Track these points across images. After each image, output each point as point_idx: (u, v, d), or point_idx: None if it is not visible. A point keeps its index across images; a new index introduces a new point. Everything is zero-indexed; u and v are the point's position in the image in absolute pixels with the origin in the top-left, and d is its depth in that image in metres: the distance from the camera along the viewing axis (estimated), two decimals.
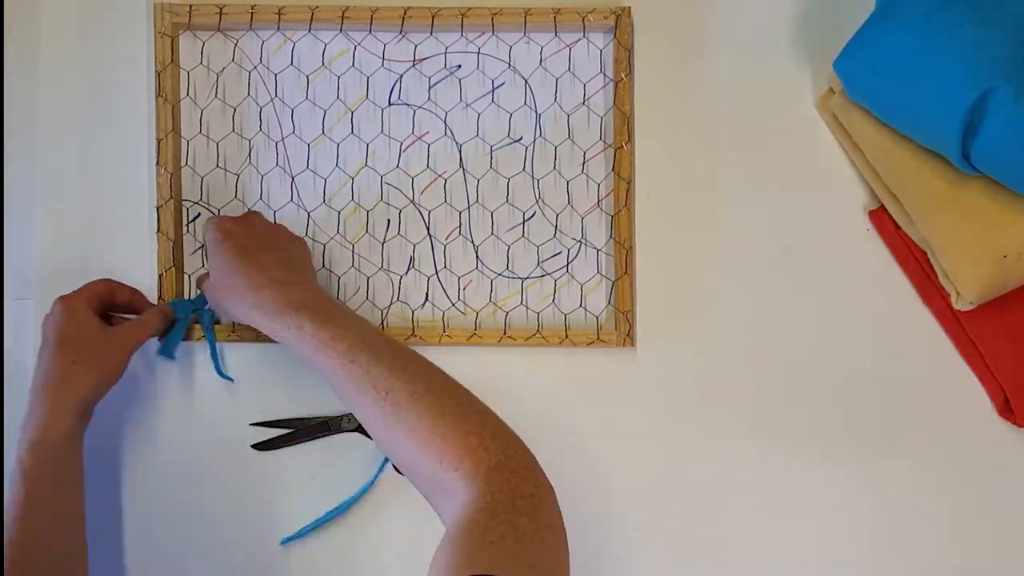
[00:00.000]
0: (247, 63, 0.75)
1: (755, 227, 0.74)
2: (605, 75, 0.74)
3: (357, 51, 0.74)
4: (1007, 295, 0.69)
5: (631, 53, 0.73)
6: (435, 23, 0.72)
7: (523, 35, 0.74)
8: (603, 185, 0.74)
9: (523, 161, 0.74)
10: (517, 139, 0.74)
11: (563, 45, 0.74)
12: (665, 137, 0.74)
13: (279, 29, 0.74)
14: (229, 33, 0.74)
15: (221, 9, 0.72)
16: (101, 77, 0.75)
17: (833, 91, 0.71)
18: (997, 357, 0.71)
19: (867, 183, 0.73)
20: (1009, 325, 0.70)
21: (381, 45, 0.74)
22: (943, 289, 0.70)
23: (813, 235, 0.73)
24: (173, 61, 0.73)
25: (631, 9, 0.72)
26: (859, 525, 0.72)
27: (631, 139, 0.73)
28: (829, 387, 0.73)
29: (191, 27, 0.74)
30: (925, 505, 0.72)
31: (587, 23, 0.72)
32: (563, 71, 0.74)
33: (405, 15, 0.72)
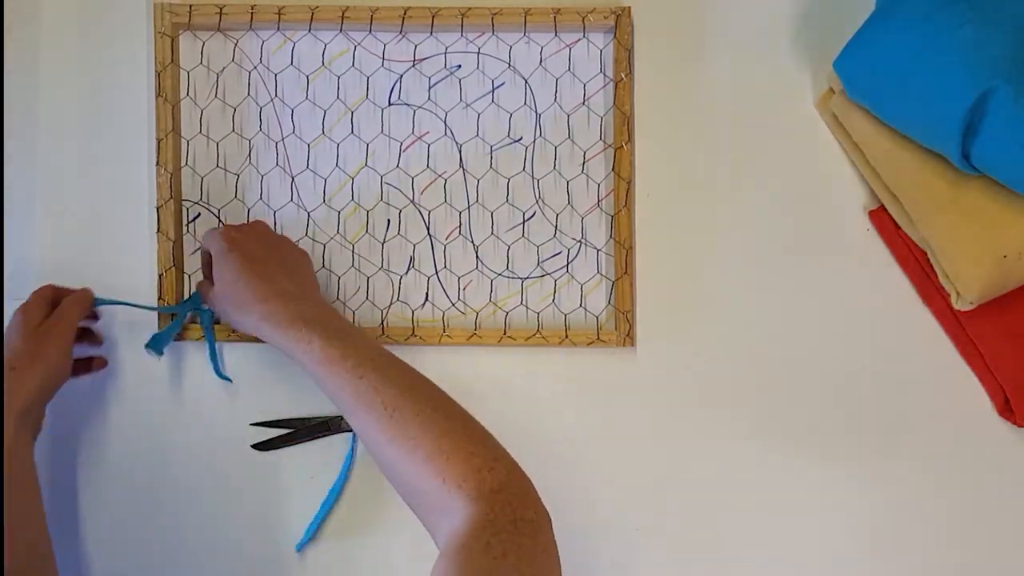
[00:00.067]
0: (247, 63, 0.75)
1: (755, 227, 0.74)
2: (605, 75, 0.74)
3: (357, 51, 0.74)
4: (1007, 295, 0.69)
5: (631, 53, 0.73)
6: (435, 23, 0.72)
7: (523, 35, 0.74)
8: (603, 185, 0.74)
9: (523, 161, 0.74)
10: (517, 139, 0.74)
11: (563, 45, 0.74)
12: (665, 137, 0.74)
13: (279, 29, 0.74)
14: (229, 33, 0.74)
15: (221, 9, 0.72)
16: (101, 77, 0.75)
17: (833, 91, 0.71)
18: (997, 357, 0.71)
19: (867, 183, 0.73)
20: (1009, 325, 0.70)
21: (381, 45, 0.74)
22: (943, 289, 0.70)
23: (813, 235, 0.73)
24: (173, 61, 0.73)
25: (631, 9, 0.72)
26: (859, 525, 0.72)
27: (631, 139, 0.73)
28: (829, 387, 0.73)
29: (191, 27, 0.74)
30: (925, 505, 0.72)
31: (587, 23, 0.72)
32: (563, 71, 0.74)
33: (405, 15, 0.72)
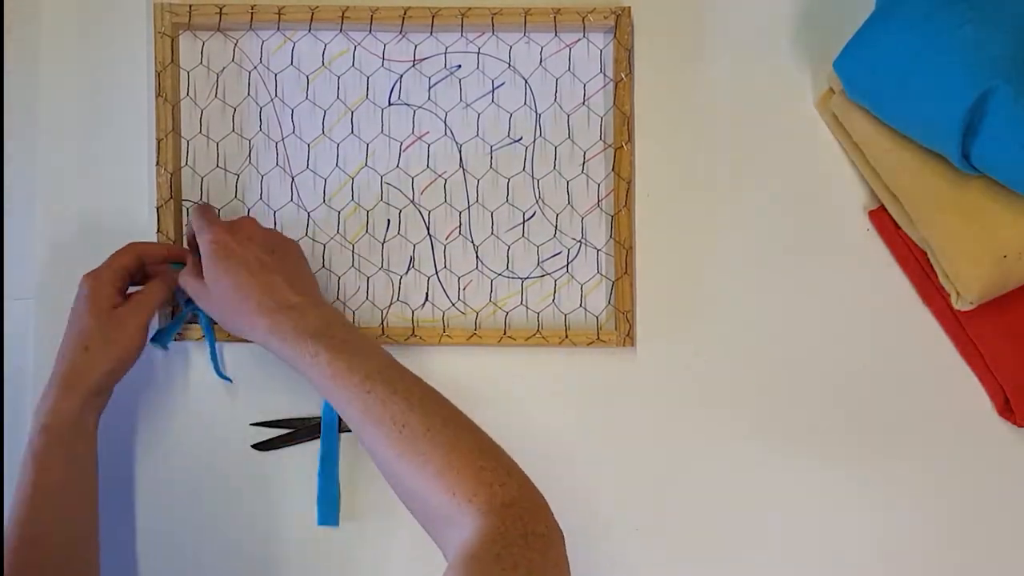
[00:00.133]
0: (247, 63, 0.75)
1: (755, 227, 0.74)
2: (605, 75, 0.74)
3: (357, 51, 0.74)
4: (1007, 295, 0.69)
5: (631, 53, 0.73)
6: (435, 23, 0.72)
7: (523, 35, 0.74)
8: (603, 185, 0.74)
9: (523, 161, 0.74)
10: (517, 139, 0.74)
11: (563, 45, 0.74)
12: (665, 137, 0.74)
13: (279, 29, 0.74)
14: (229, 33, 0.74)
15: (221, 9, 0.72)
16: (101, 77, 0.75)
17: (833, 91, 0.71)
18: (997, 357, 0.71)
19: (867, 183, 0.73)
20: (1009, 325, 0.70)
21: (381, 45, 0.74)
22: (943, 289, 0.70)
23: (813, 235, 0.73)
24: (173, 61, 0.73)
25: (631, 9, 0.72)
26: (859, 525, 0.72)
27: (631, 139, 0.73)
28: (829, 387, 0.73)
29: (191, 27, 0.74)
30: (925, 505, 0.72)
31: (587, 23, 0.72)
32: (563, 71, 0.74)
33: (405, 15, 0.72)
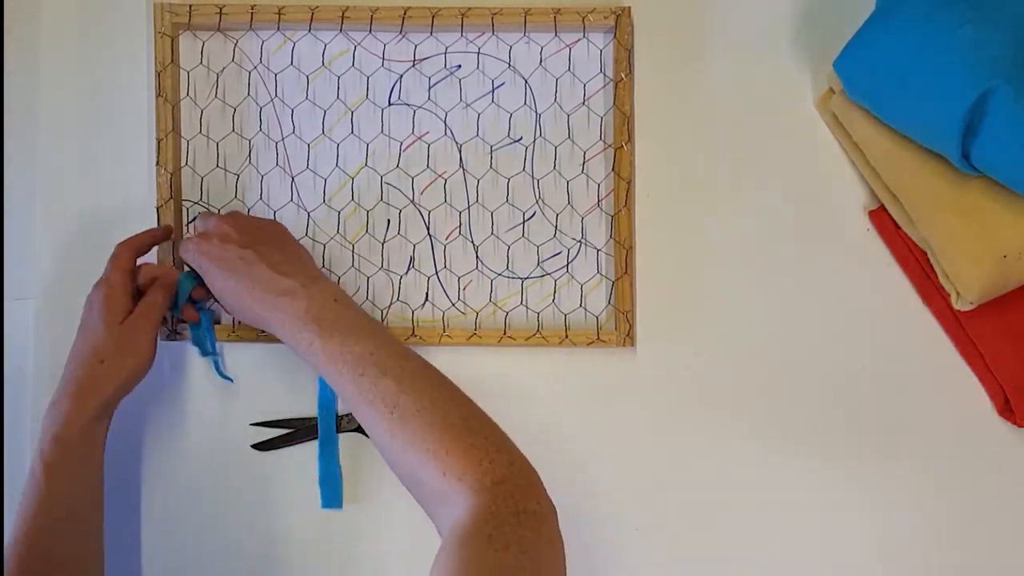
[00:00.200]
0: (247, 63, 0.75)
1: (755, 227, 0.74)
2: (605, 75, 0.74)
3: (357, 51, 0.74)
4: (1007, 295, 0.69)
5: (631, 53, 0.73)
6: (435, 23, 0.72)
7: (523, 35, 0.74)
8: (603, 185, 0.74)
9: (523, 161, 0.74)
10: (517, 139, 0.74)
11: (563, 45, 0.74)
12: (665, 137, 0.74)
13: (279, 29, 0.74)
14: (229, 33, 0.74)
15: (221, 9, 0.72)
16: (101, 77, 0.75)
17: (833, 91, 0.71)
18: (997, 357, 0.71)
19: (867, 183, 0.73)
20: (1009, 325, 0.70)
21: (381, 45, 0.74)
22: (943, 289, 0.70)
23: (813, 235, 0.73)
24: (173, 61, 0.73)
25: (631, 9, 0.72)
26: (859, 525, 0.72)
27: (631, 139, 0.73)
28: (829, 387, 0.73)
29: (191, 27, 0.74)
30: (925, 505, 0.72)
31: (587, 23, 0.72)
32: (563, 71, 0.74)
33: (405, 15, 0.72)
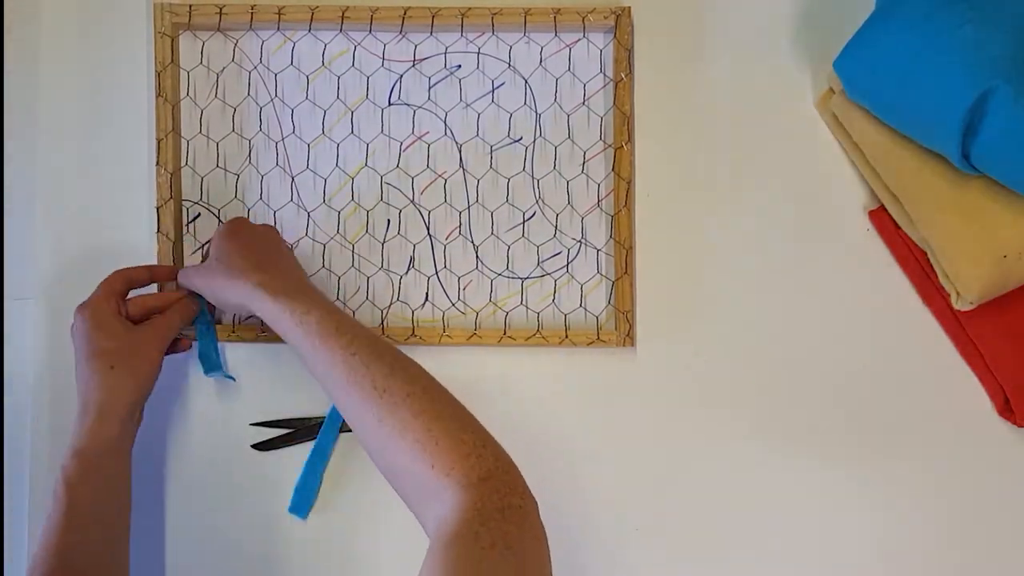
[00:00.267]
0: (247, 63, 0.75)
1: (755, 227, 0.74)
2: (605, 75, 0.74)
3: (357, 51, 0.74)
4: (1007, 295, 0.69)
5: (631, 53, 0.73)
6: (435, 23, 0.72)
7: (523, 35, 0.74)
8: (603, 185, 0.74)
9: (523, 161, 0.74)
10: (517, 139, 0.74)
11: (563, 45, 0.74)
12: (665, 137, 0.74)
13: (279, 29, 0.74)
14: (229, 33, 0.74)
15: (221, 9, 0.72)
16: (101, 77, 0.75)
17: (833, 91, 0.71)
18: (997, 357, 0.71)
19: (867, 183, 0.73)
20: (1009, 325, 0.70)
21: (381, 45, 0.74)
22: (943, 289, 0.70)
23: (813, 235, 0.73)
24: (173, 61, 0.73)
25: (631, 9, 0.72)
26: (859, 525, 0.72)
27: (631, 139, 0.73)
28: (829, 387, 0.73)
29: (191, 27, 0.74)
30: (925, 505, 0.72)
31: (587, 23, 0.72)
32: (563, 71, 0.74)
33: (405, 15, 0.72)
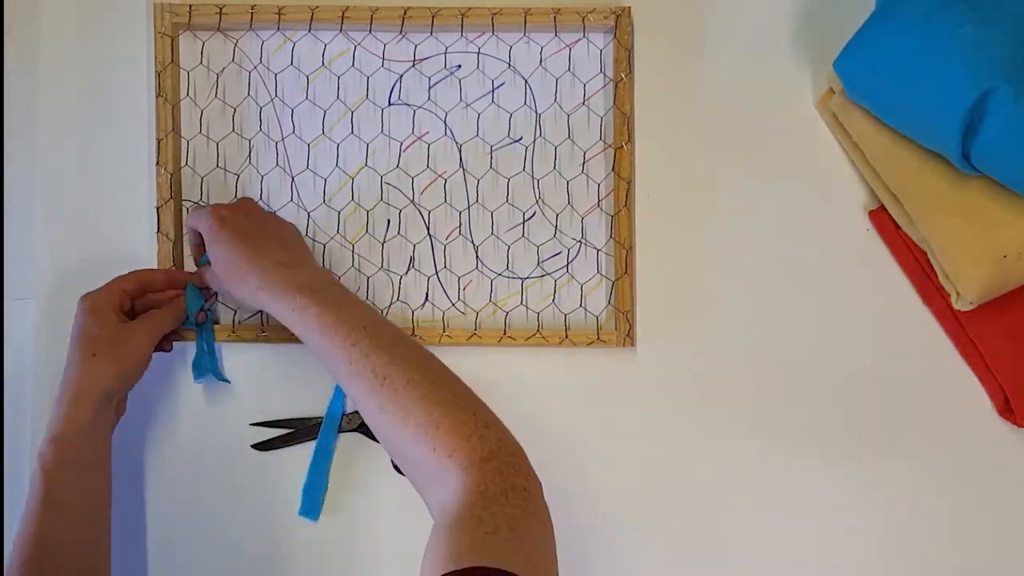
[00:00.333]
0: (247, 63, 0.74)
1: (755, 227, 0.74)
2: (605, 75, 0.74)
3: (357, 51, 0.74)
4: (1007, 295, 0.69)
5: (631, 53, 0.73)
6: (435, 23, 0.72)
7: (523, 35, 0.74)
8: (603, 185, 0.74)
9: (523, 161, 0.74)
10: (517, 139, 0.74)
11: (563, 45, 0.74)
12: (665, 137, 0.74)
13: (279, 29, 0.74)
14: (229, 33, 0.74)
15: (221, 9, 0.72)
16: (101, 77, 0.75)
17: (833, 91, 0.71)
18: (997, 357, 0.71)
19: (867, 183, 0.73)
20: (1009, 325, 0.70)
21: (381, 45, 0.74)
22: (943, 289, 0.70)
23: (813, 235, 0.73)
24: (173, 61, 0.73)
25: (631, 9, 0.72)
26: (859, 525, 0.72)
27: (631, 139, 0.73)
28: (829, 387, 0.73)
29: (191, 27, 0.74)
30: (925, 505, 0.72)
31: (587, 23, 0.72)
32: (563, 71, 0.74)
33: (405, 15, 0.72)
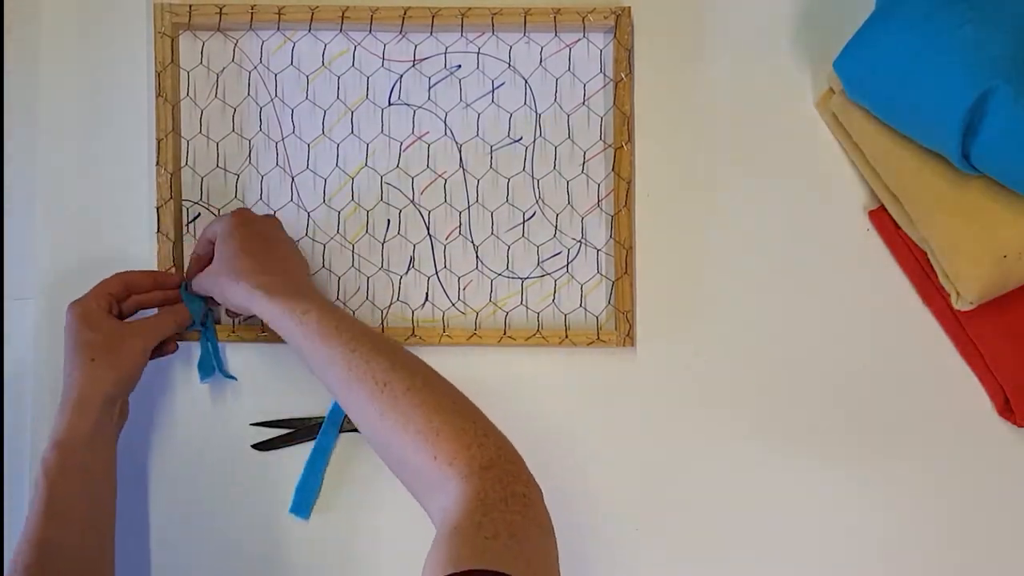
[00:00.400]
0: (247, 63, 0.74)
1: (755, 227, 0.74)
2: (605, 75, 0.74)
3: (357, 51, 0.74)
4: (1007, 295, 0.69)
5: (631, 53, 0.73)
6: (435, 23, 0.72)
7: (523, 35, 0.74)
8: (603, 185, 0.74)
9: (523, 161, 0.74)
10: (517, 139, 0.74)
11: (563, 45, 0.74)
12: (665, 137, 0.74)
13: (279, 29, 0.74)
14: (229, 33, 0.74)
15: (221, 9, 0.72)
16: (101, 77, 0.75)
17: (833, 91, 0.71)
18: (997, 357, 0.71)
19: (867, 183, 0.73)
20: (1009, 325, 0.70)
21: (381, 45, 0.74)
22: (943, 289, 0.70)
23: (813, 235, 0.73)
24: (173, 61, 0.73)
25: (631, 9, 0.72)
26: (859, 525, 0.72)
27: (631, 139, 0.73)
28: (829, 387, 0.73)
29: (191, 27, 0.74)
30: (925, 505, 0.72)
31: (587, 23, 0.72)
32: (563, 71, 0.74)
33: (405, 15, 0.72)
